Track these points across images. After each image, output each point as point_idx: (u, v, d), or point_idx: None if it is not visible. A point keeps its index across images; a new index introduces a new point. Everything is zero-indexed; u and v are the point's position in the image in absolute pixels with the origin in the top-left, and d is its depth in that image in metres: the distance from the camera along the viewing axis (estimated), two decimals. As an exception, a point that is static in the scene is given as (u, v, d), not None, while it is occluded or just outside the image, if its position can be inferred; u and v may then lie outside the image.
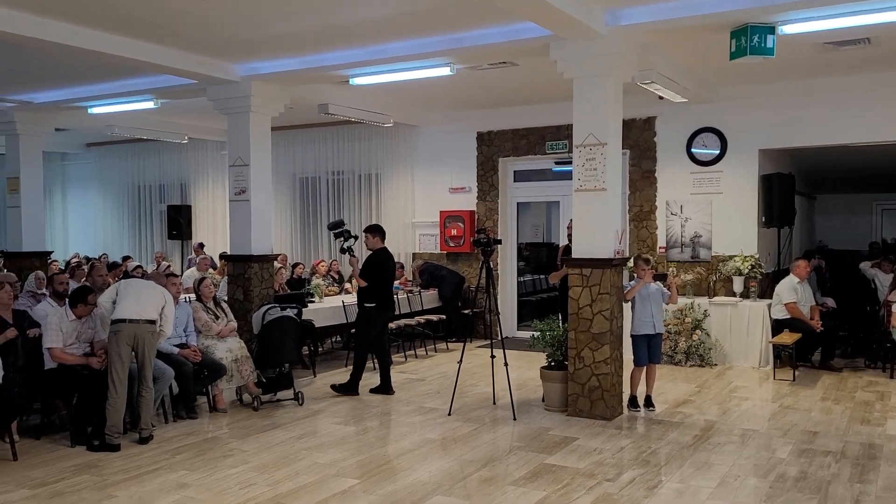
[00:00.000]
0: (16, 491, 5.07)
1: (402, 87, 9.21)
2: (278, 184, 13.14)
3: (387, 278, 8.07)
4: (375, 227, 8.16)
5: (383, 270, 7.97)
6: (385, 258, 8.04)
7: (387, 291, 8.08)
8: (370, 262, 7.96)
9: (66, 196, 17.21)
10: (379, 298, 7.89)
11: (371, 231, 8.08)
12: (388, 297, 8.10)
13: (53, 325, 6.20)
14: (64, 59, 8.07)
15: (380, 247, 8.02)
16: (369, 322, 7.92)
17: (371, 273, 7.90)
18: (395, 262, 8.38)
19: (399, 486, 5.09)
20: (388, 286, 8.11)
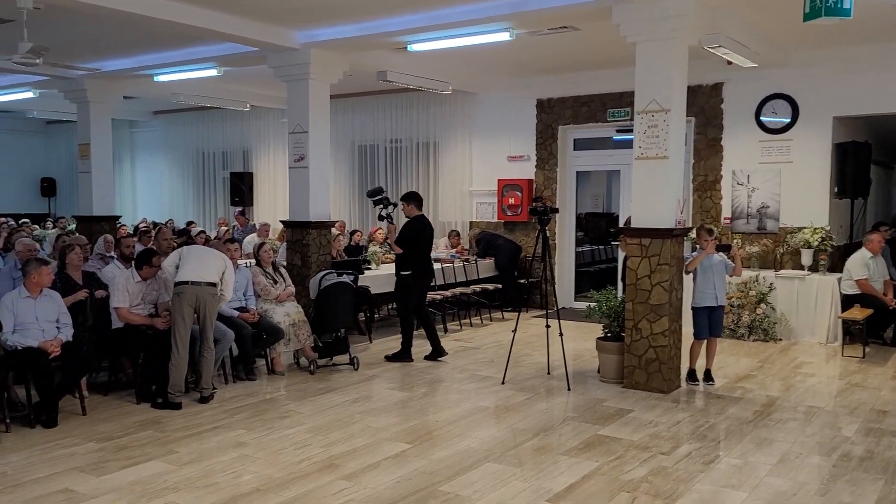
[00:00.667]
0: (84, 444, 5.29)
1: (461, 53, 9.10)
2: (337, 151, 13.24)
3: (423, 246, 8.08)
4: (412, 195, 8.19)
5: (419, 238, 7.99)
6: (421, 226, 8.05)
7: (424, 259, 8.08)
8: (406, 230, 7.99)
9: (135, 162, 17.70)
10: (415, 266, 7.91)
11: (408, 199, 8.11)
12: (425, 265, 8.10)
13: (120, 287, 6.41)
14: (131, 28, 8.22)
15: (416, 214, 8.04)
16: (408, 290, 7.97)
17: (407, 241, 7.92)
18: (432, 230, 8.39)
19: (450, 452, 5.11)
20: (424, 254, 8.12)
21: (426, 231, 8.12)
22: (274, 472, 4.76)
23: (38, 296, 5.85)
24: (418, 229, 7.99)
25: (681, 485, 4.57)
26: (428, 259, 8.21)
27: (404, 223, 8.08)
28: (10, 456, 5.04)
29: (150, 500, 4.31)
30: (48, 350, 5.65)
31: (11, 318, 5.68)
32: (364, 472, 4.75)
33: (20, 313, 5.73)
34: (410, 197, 8.14)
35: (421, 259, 8.00)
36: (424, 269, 8.07)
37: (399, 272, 7.98)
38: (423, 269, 8.03)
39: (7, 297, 5.82)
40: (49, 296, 5.95)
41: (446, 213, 12.57)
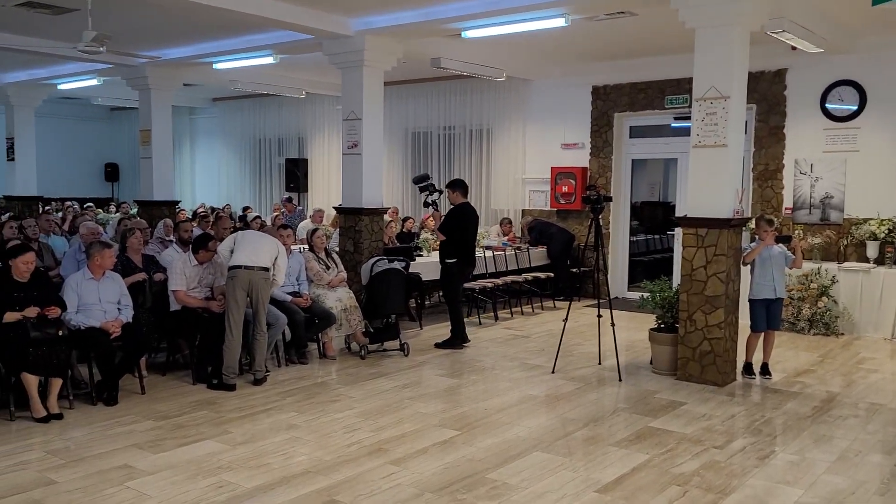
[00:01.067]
0: (143, 422, 5.45)
1: (516, 39, 9.01)
2: (391, 138, 13.30)
3: (468, 234, 8.07)
4: (458, 182, 8.18)
5: (464, 226, 7.97)
6: (466, 214, 8.03)
7: (468, 247, 8.07)
8: (450, 217, 7.99)
9: (194, 148, 18.09)
10: (459, 254, 7.91)
11: (454, 186, 8.09)
12: (468, 253, 8.09)
13: (178, 270, 6.57)
14: (191, 16, 8.38)
15: (461, 202, 8.02)
16: (452, 277, 7.98)
17: (451, 228, 7.92)
18: (477, 217, 8.38)
19: (499, 440, 5.11)
20: (468, 242, 8.11)
21: (471, 219, 8.12)
22: (324, 454, 4.82)
23: (101, 278, 6.03)
24: (463, 217, 7.99)
25: (734, 479, 4.48)
26: (472, 247, 8.21)
27: (448, 210, 8.09)
28: (74, 432, 5.23)
29: (205, 479, 4.42)
30: (109, 330, 5.83)
31: (76, 299, 5.88)
32: (412, 457, 4.78)
33: (84, 294, 5.92)
34: (456, 184, 8.13)
35: (465, 247, 8.00)
36: (468, 258, 8.07)
37: (443, 260, 7.98)
38: (466, 257, 8.02)
39: (72, 278, 6.03)
40: (111, 278, 6.14)
41: (498, 201, 12.52)
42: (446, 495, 4.21)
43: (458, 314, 8.05)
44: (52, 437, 5.12)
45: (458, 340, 7.97)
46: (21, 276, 5.57)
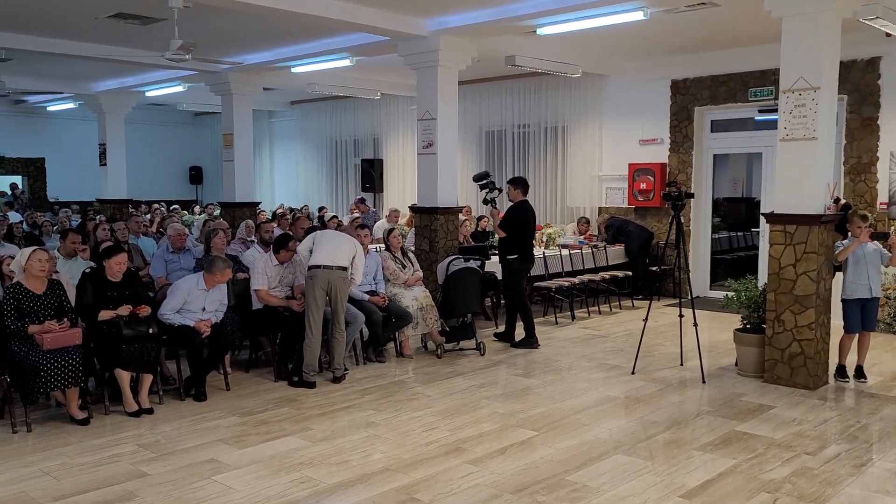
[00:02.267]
0: (228, 417, 5.61)
1: (592, 35, 8.86)
2: (465, 137, 13.30)
3: (528, 231, 8.07)
4: (518, 180, 8.17)
5: (524, 223, 7.97)
6: (525, 211, 8.02)
7: (528, 244, 8.07)
8: (510, 214, 8.00)
9: (273, 150, 18.54)
10: (519, 250, 7.91)
11: (513, 183, 8.10)
12: (528, 250, 8.08)
13: (259, 269, 6.73)
14: (271, 22, 8.58)
15: (521, 199, 8.01)
16: (514, 274, 7.94)
17: (511, 225, 7.91)
18: (535, 214, 8.38)
19: (577, 442, 5.03)
20: (528, 239, 8.12)
21: (530, 216, 8.12)
22: (402, 452, 4.85)
23: (211, 289, 6.21)
24: (522, 214, 7.99)
25: (828, 488, 4.28)
26: (531, 244, 8.22)
27: (509, 207, 8.10)
28: (164, 426, 5.42)
29: (287, 474, 4.51)
30: (200, 330, 6.01)
31: (180, 303, 6.06)
32: (490, 457, 4.76)
33: (191, 301, 6.10)
34: (517, 181, 8.13)
35: (525, 244, 8.02)
36: (528, 255, 8.06)
37: (504, 256, 8.01)
38: (526, 253, 8.02)
39: (185, 283, 6.17)
40: (219, 288, 6.29)
41: (574, 199, 12.35)
42: (525, 497, 4.16)
43: (526, 311, 8.01)
44: (144, 431, 5.32)
45: (534, 339, 7.90)
46: (114, 276, 5.80)
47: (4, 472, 4.55)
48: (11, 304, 5.40)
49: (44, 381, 5.19)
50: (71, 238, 7.14)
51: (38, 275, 5.50)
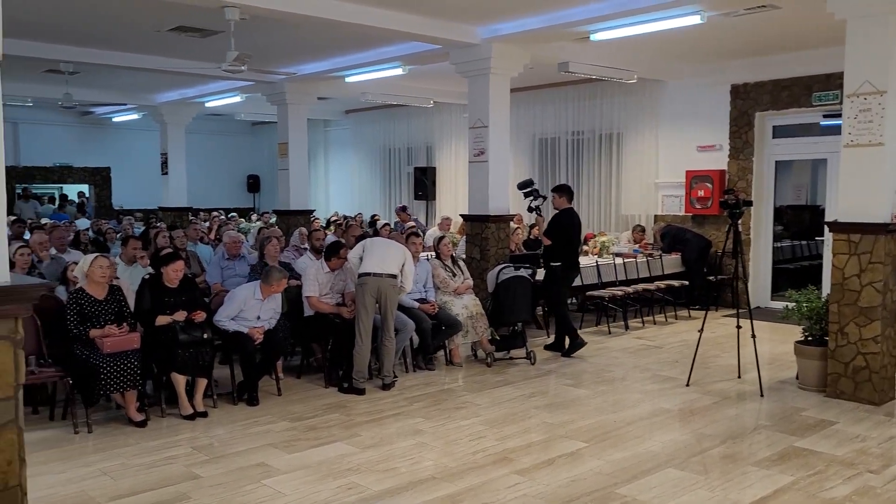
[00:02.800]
0: (279, 422, 5.68)
1: (647, 40, 8.74)
2: (518, 145, 13.25)
3: (572, 238, 8.01)
4: (563, 187, 8.11)
5: (568, 230, 7.91)
6: (570, 218, 7.96)
7: (572, 252, 8.01)
8: (555, 222, 7.95)
9: (328, 159, 18.81)
10: (564, 258, 7.85)
11: (558, 190, 8.05)
12: (573, 258, 8.01)
13: (311, 276, 6.81)
14: (325, 33, 8.71)
15: (566, 207, 7.96)
16: (557, 281, 7.88)
17: (555, 232, 7.85)
18: (580, 222, 8.30)
19: (628, 454, 4.93)
20: (573, 247, 8.05)
21: (574, 224, 8.05)
22: (449, 461, 4.83)
23: (266, 298, 6.32)
24: (566, 222, 7.93)
25: (893, 509, 4.09)
26: (576, 252, 8.15)
27: (554, 215, 8.05)
28: (217, 429, 5.52)
29: (335, 480, 4.53)
30: (254, 337, 6.11)
31: (236, 311, 6.19)
32: (538, 468, 4.70)
33: (247, 309, 6.22)
34: (562, 189, 8.08)
35: (570, 251, 7.96)
36: (572, 262, 7.98)
37: (548, 263, 7.97)
38: (571, 261, 7.95)
39: (242, 292, 6.31)
40: (274, 298, 6.40)
41: (629, 207, 12.17)
42: (574, 509, 4.10)
43: (566, 318, 7.95)
44: (198, 434, 5.42)
45: (579, 341, 7.85)
46: (171, 283, 5.94)
47: (66, 471, 4.70)
48: (74, 308, 5.58)
49: (104, 383, 5.35)
50: (131, 244, 7.35)
51: (100, 281, 5.67)
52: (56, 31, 8.91)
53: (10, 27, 8.45)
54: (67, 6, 7.81)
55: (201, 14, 7.65)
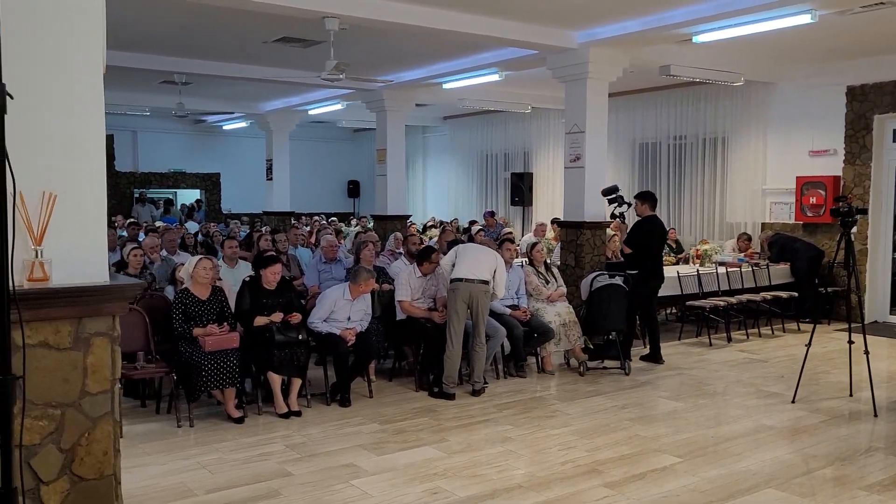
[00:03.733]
0: (369, 424, 5.76)
1: (754, 41, 8.38)
2: (617, 150, 13.00)
3: (653, 246, 7.80)
4: (646, 194, 7.99)
5: (649, 238, 7.73)
6: (652, 226, 7.78)
7: (653, 260, 7.80)
8: (635, 230, 7.83)
9: (426, 164, 19.03)
10: (644, 266, 7.66)
11: (641, 197, 7.94)
12: (654, 266, 7.78)
13: (404, 281, 6.88)
14: (422, 41, 8.82)
15: (648, 214, 7.81)
16: (638, 290, 7.65)
17: (636, 240, 7.74)
18: (664, 230, 8.07)
19: (725, 472, 4.71)
20: (654, 255, 7.83)
21: (656, 232, 7.83)
22: (537, 470, 4.76)
23: (356, 299, 6.47)
24: (648, 230, 7.76)
25: None
26: (658, 261, 7.94)
27: (634, 223, 7.90)
28: (310, 429, 5.65)
29: (421, 483, 4.55)
30: (346, 338, 6.24)
31: (327, 313, 6.35)
32: (628, 481, 4.56)
33: (337, 310, 6.38)
34: (645, 196, 7.96)
35: (650, 260, 7.76)
36: (653, 271, 7.77)
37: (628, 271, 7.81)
38: (651, 270, 7.74)
39: (332, 293, 6.47)
40: (363, 299, 6.54)
41: (734, 214, 11.70)
42: (664, 527, 3.95)
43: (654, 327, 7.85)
44: (292, 433, 5.57)
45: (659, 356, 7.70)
46: (269, 285, 6.14)
47: (167, 462, 4.92)
48: (180, 308, 5.86)
49: (205, 380, 5.58)
50: (227, 245, 7.66)
51: (203, 281, 5.94)
52: (170, 44, 9.42)
53: (129, 41, 9.01)
54: (181, 21, 8.23)
55: (304, 25, 7.89)
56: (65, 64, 2.80)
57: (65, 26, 2.80)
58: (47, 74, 2.78)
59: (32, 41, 2.75)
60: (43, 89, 2.76)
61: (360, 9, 7.14)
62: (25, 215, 2.69)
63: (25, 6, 2.73)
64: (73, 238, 2.82)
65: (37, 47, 2.76)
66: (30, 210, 2.70)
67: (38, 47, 2.76)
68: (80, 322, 2.81)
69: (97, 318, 2.82)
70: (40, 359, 2.74)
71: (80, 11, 2.81)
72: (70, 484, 2.78)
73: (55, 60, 2.78)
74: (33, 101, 2.72)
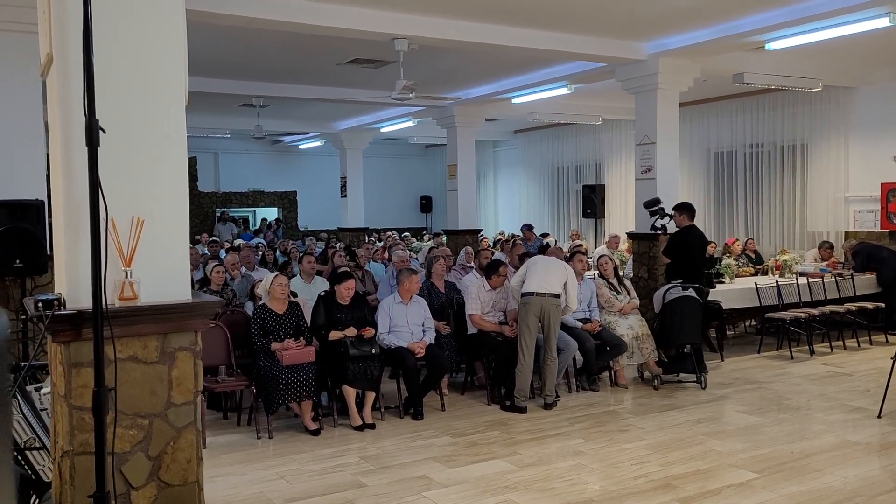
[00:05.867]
0: (441, 437, 5.84)
1: (830, 45, 8.16)
2: (692, 160, 12.81)
3: (692, 256, 7.78)
4: (684, 205, 8.04)
5: (688, 249, 7.76)
6: (690, 236, 7.77)
7: (692, 269, 7.72)
8: (673, 240, 7.89)
9: (497, 178, 19.11)
10: (684, 276, 7.60)
11: (678, 209, 8.00)
12: (693, 276, 7.66)
13: (473, 294, 6.96)
14: (490, 57, 8.94)
15: (687, 224, 7.82)
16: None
17: (673, 250, 7.86)
18: (705, 240, 8.12)
19: (805, 489, 4.59)
20: (693, 264, 7.76)
21: (695, 241, 7.82)
22: (609, 484, 4.74)
23: (408, 302, 6.61)
24: (687, 240, 7.78)
25: None
26: (698, 270, 7.85)
27: (673, 233, 7.94)
28: (383, 441, 5.77)
29: (492, 496, 4.60)
30: (415, 351, 6.36)
31: (388, 321, 6.51)
32: (702, 497, 4.49)
33: (394, 317, 6.54)
34: (682, 207, 8.01)
35: (689, 269, 7.71)
36: (694, 281, 7.62)
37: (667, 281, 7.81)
38: (692, 280, 7.61)
39: (385, 302, 6.69)
40: (417, 302, 6.70)
41: (815, 223, 11.34)
42: (739, 544, 3.88)
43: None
44: (366, 445, 5.70)
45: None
46: (343, 300, 6.33)
47: (248, 472, 5.12)
48: (258, 323, 6.09)
49: (283, 393, 5.78)
50: (306, 260, 7.90)
51: (279, 297, 6.16)
52: (249, 69, 9.82)
53: (210, 68, 9.45)
54: (258, 46, 8.59)
55: (374, 46, 8.12)
56: (151, 96, 3.01)
57: (151, 60, 3.01)
58: (135, 107, 2.99)
59: (122, 77, 2.97)
60: (131, 122, 2.98)
61: (427, 29, 7.31)
62: (116, 239, 2.90)
63: (115, 44, 2.95)
64: (159, 259, 3.02)
65: (126, 82, 2.98)
66: (120, 234, 2.92)
67: (128, 82, 2.98)
68: (165, 338, 3.00)
69: (181, 334, 3.01)
70: (130, 372, 2.94)
71: (165, 45, 3.03)
72: (157, 490, 2.96)
73: (143, 93, 3.00)
74: (123, 132, 2.94)
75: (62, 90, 2.83)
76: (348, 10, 6.89)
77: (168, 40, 3.00)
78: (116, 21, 2.90)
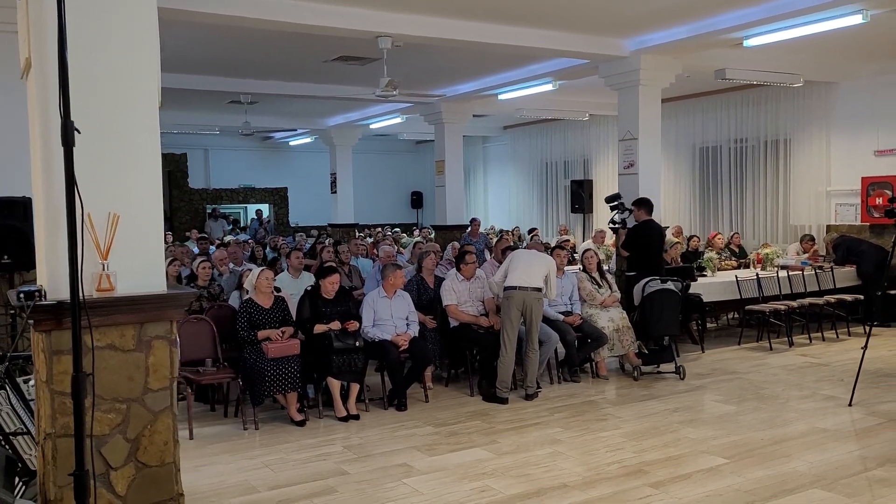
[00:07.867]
0: (424, 427, 5.97)
1: (810, 42, 8.31)
2: (677, 155, 12.96)
3: (650, 249, 8.18)
4: (642, 201, 8.36)
5: (645, 242, 8.17)
6: (647, 230, 8.19)
7: (650, 261, 8.07)
8: (631, 233, 8.32)
9: (487, 174, 19.24)
10: (640, 267, 7.98)
11: (636, 204, 8.34)
12: (650, 268, 7.96)
13: (447, 286, 7.11)
14: (474, 54, 9.05)
15: (644, 219, 8.23)
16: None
17: (632, 244, 8.25)
18: (662, 235, 8.47)
19: (772, 473, 4.73)
20: (650, 257, 8.17)
21: (651, 235, 8.17)
22: (583, 470, 4.88)
23: (392, 296, 6.73)
24: (642, 233, 8.19)
25: None
26: (654, 262, 8.15)
27: (631, 227, 8.30)
28: (367, 431, 5.90)
29: (470, 482, 4.73)
30: (399, 343, 6.48)
31: (372, 315, 6.63)
32: (673, 481, 4.64)
33: (378, 310, 6.66)
34: (641, 202, 8.34)
35: (647, 261, 8.06)
36: (652, 273, 7.83)
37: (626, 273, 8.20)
38: (650, 272, 7.86)
39: (369, 296, 6.81)
40: (402, 296, 6.82)
41: (798, 216, 11.50)
42: (704, 525, 4.02)
43: None
44: (350, 435, 5.83)
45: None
46: (328, 294, 6.44)
47: (233, 462, 5.24)
48: (245, 316, 6.21)
49: (268, 385, 5.91)
50: (294, 255, 8.01)
51: (265, 291, 6.28)
52: (236, 66, 9.92)
53: (197, 65, 9.54)
54: (245, 43, 8.68)
55: (360, 44, 8.22)
56: (125, 97, 3.14)
57: (124, 63, 3.14)
58: (109, 108, 3.12)
59: (96, 79, 3.09)
60: (106, 122, 3.10)
61: (411, 27, 7.43)
62: (93, 234, 3.03)
63: (89, 48, 3.06)
64: (135, 253, 3.15)
65: (100, 84, 3.10)
66: (97, 229, 3.04)
67: (102, 84, 3.10)
68: (142, 327, 3.13)
69: (157, 323, 3.15)
70: (108, 359, 3.07)
71: (138, 49, 3.15)
72: (135, 470, 3.09)
73: (116, 95, 3.12)
74: (98, 133, 3.07)
75: (40, 92, 2.96)
76: (333, 8, 6.99)
77: (141, 44, 3.12)
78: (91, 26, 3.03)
